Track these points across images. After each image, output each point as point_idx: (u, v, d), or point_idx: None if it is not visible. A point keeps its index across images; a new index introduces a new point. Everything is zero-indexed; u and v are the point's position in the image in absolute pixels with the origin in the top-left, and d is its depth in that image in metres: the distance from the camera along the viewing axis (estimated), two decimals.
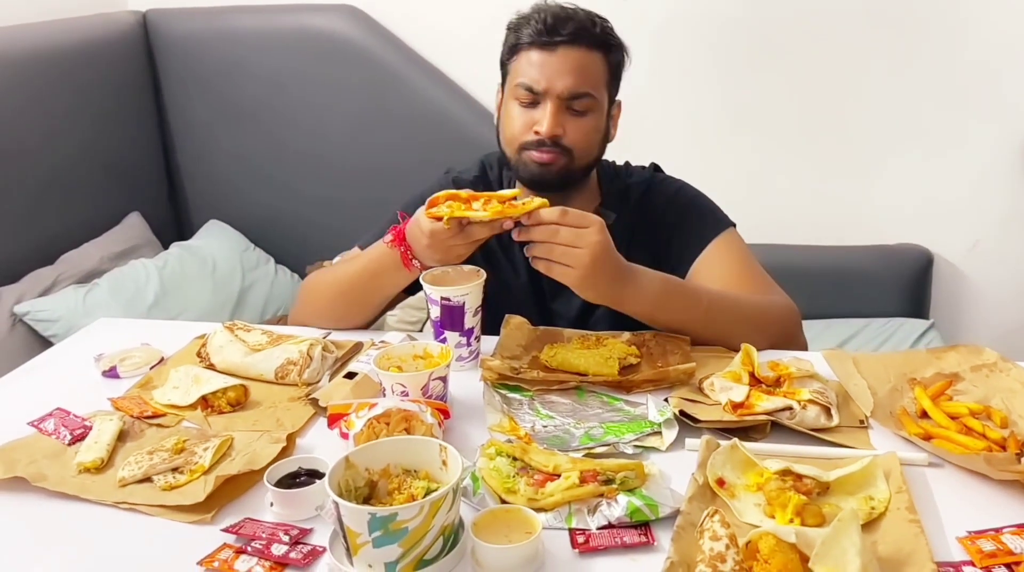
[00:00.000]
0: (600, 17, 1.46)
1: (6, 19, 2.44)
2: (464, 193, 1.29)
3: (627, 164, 1.66)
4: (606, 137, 1.53)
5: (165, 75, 2.92)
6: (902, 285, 2.64)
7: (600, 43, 1.45)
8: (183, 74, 2.91)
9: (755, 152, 2.70)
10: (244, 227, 2.99)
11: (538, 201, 1.26)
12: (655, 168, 1.66)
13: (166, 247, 2.80)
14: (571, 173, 1.47)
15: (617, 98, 1.54)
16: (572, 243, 1.25)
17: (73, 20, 2.65)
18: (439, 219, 1.28)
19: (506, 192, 1.28)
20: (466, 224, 1.29)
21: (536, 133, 1.43)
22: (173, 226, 3.06)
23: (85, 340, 1.58)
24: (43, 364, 1.50)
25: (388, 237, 1.41)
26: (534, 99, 1.43)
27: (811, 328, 1.56)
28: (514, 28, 1.47)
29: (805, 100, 2.62)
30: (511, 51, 1.48)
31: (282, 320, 2.74)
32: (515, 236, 1.28)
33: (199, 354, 1.43)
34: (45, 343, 2.26)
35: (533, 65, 1.43)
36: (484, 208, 1.26)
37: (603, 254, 1.26)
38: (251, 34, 2.84)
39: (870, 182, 2.66)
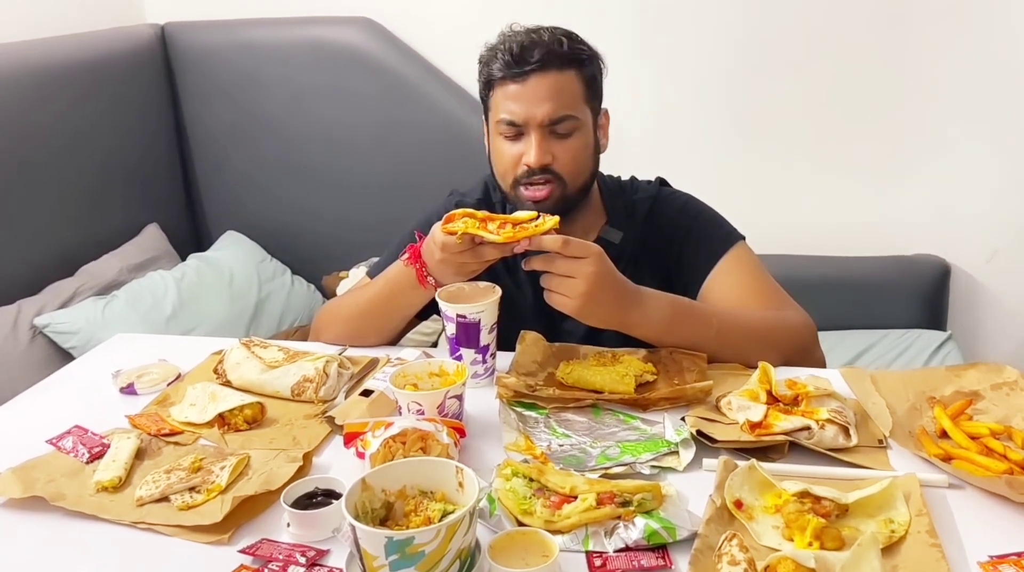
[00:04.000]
0: (566, 33, 1.44)
1: (26, 33, 2.46)
2: (481, 213, 1.30)
3: (632, 179, 1.64)
4: (597, 151, 1.51)
5: (183, 87, 2.95)
6: (919, 296, 2.62)
7: (570, 61, 1.42)
8: (201, 86, 2.93)
9: (770, 162, 2.69)
10: (261, 238, 3.01)
11: (551, 221, 1.27)
12: (661, 182, 1.63)
13: (184, 258, 2.82)
14: (567, 201, 1.46)
15: (603, 107, 1.52)
16: (568, 273, 1.26)
17: (92, 34, 2.68)
18: (455, 235, 1.29)
19: (523, 214, 1.29)
20: (479, 242, 1.30)
21: (526, 166, 1.42)
22: (191, 237, 3.08)
23: (102, 356, 1.59)
24: (60, 381, 1.51)
25: (405, 255, 1.43)
26: (517, 132, 1.43)
27: (827, 340, 1.55)
28: (485, 62, 1.46)
29: (820, 110, 2.61)
30: (486, 86, 1.47)
31: (299, 331, 2.75)
32: (524, 266, 1.30)
33: (216, 370, 1.44)
34: (64, 355, 2.27)
35: (509, 98, 1.42)
36: (498, 231, 1.27)
37: (599, 284, 1.26)
38: (268, 47, 2.86)
39: (886, 192, 2.65)
